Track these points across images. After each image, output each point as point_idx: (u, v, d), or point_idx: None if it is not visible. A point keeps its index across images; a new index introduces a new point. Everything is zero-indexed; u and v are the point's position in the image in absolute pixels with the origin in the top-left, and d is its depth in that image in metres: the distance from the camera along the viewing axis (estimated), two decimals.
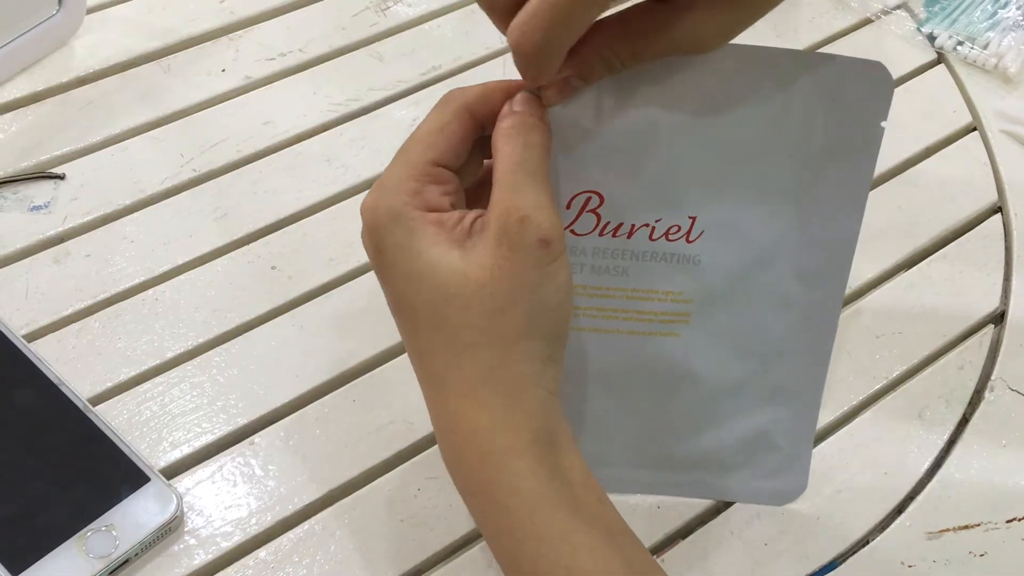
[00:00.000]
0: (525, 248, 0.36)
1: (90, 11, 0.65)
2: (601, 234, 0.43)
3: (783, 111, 0.41)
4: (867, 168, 0.43)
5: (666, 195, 0.42)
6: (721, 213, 0.43)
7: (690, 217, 0.43)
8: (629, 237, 0.43)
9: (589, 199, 0.42)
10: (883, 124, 0.42)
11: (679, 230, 0.43)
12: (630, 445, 0.48)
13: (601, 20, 0.36)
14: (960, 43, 0.71)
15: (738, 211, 0.43)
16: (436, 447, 0.50)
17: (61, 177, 0.58)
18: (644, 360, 0.45)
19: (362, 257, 0.56)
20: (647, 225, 0.43)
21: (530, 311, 0.37)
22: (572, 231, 0.42)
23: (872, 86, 0.41)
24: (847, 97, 0.41)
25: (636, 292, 0.44)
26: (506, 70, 0.66)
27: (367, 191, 0.38)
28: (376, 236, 0.37)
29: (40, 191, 0.58)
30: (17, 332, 0.51)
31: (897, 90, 0.68)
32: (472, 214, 0.38)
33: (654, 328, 0.45)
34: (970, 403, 0.54)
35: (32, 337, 0.51)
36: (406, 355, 0.52)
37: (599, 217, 0.42)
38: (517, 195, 0.37)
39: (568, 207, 0.42)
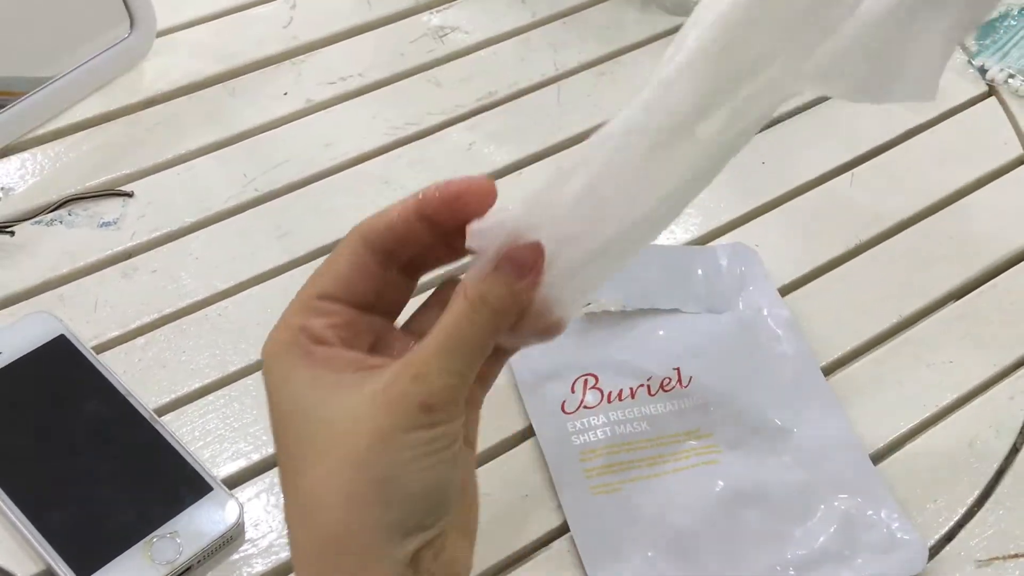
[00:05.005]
0: (405, 408, 0.32)
1: (160, 35, 0.67)
2: (608, 401, 0.52)
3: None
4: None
5: (647, 360, 0.53)
6: (697, 361, 0.53)
7: (674, 369, 0.53)
8: (632, 397, 0.52)
9: (587, 380, 0.52)
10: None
11: (671, 381, 0.53)
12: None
13: None
14: (1011, 76, 0.71)
15: (710, 352, 0.54)
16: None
17: (130, 195, 0.60)
18: (701, 490, 0.50)
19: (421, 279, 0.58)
20: (642, 385, 0.52)
21: (389, 479, 0.32)
22: (585, 406, 0.52)
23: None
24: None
25: (662, 439, 0.51)
26: (560, 97, 0.67)
27: None
28: (264, 368, 0.35)
29: (110, 208, 0.59)
30: (87, 344, 0.52)
31: (948, 122, 0.70)
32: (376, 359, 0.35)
33: (693, 461, 0.51)
34: (1020, 432, 0.54)
35: (101, 349, 0.53)
36: None
37: (600, 391, 0.52)
38: (431, 355, 0.33)
39: (572, 390, 0.52)
